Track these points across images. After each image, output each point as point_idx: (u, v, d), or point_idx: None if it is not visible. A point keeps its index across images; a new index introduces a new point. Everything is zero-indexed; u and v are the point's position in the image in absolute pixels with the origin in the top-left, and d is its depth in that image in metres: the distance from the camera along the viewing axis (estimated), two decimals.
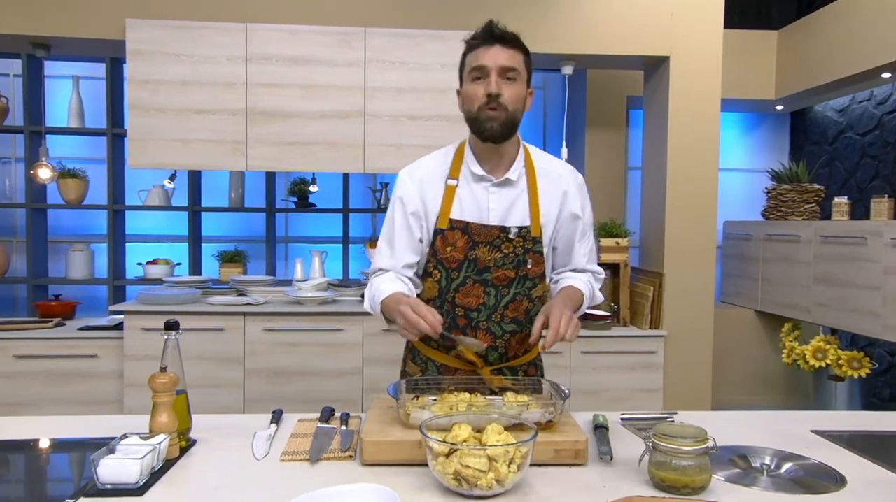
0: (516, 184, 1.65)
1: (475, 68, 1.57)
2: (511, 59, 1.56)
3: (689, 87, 3.56)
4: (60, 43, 3.48)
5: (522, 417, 1.33)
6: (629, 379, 3.55)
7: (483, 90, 1.55)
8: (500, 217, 1.64)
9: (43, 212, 4.24)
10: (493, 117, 1.55)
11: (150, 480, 1.20)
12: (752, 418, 1.72)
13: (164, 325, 1.41)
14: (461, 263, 1.64)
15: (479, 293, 1.65)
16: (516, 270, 1.64)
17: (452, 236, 1.63)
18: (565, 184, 1.69)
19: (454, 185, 1.64)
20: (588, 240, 1.75)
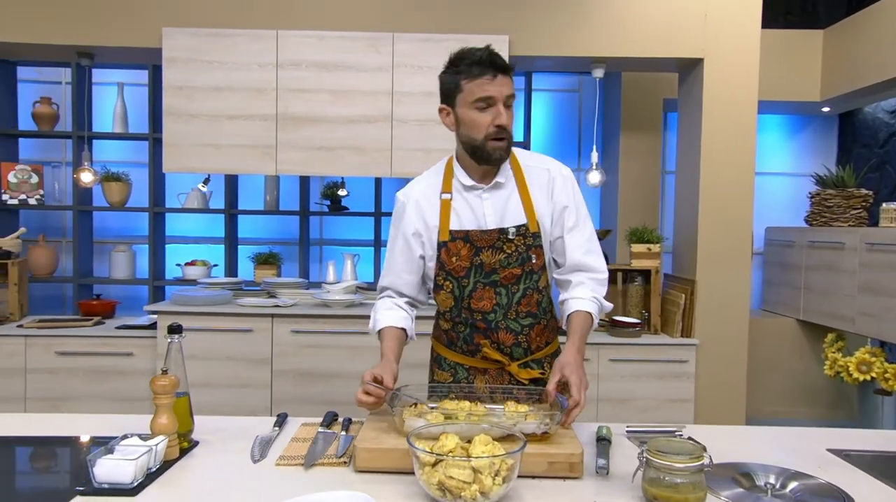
0: (505, 185, 1.71)
1: (481, 98, 1.59)
2: (511, 86, 1.62)
3: (724, 89, 3.46)
4: (103, 52, 3.61)
5: (517, 428, 1.32)
6: (659, 389, 3.47)
7: (490, 119, 1.60)
8: (496, 220, 1.70)
9: (88, 214, 4.40)
10: (500, 147, 1.62)
11: (146, 481, 1.23)
12: (768, 434, 1.66)
13: (167, 329, 1.44)
14: (468, 270, 1.69)
15: (491, 295, 1.70)
16: (522, 267, 1.70)
17: (455, 246, 1.69)
18: (551, 175, 1.74)
19: (448, 199, 1.71)
20: (581, 232, 1.74)
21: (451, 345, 1.80)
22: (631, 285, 3.71)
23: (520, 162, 1.74)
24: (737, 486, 1.30)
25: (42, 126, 4.37)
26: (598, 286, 1.74)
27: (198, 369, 3.34)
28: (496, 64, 1.59)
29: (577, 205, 1.75)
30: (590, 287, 1.72)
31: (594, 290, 1.72)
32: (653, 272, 3.62)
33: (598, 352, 3.45)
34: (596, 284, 1.73)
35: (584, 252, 1.73)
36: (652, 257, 3.66)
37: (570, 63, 3.67)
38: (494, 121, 1.59)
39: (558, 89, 4.73)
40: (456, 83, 1.63)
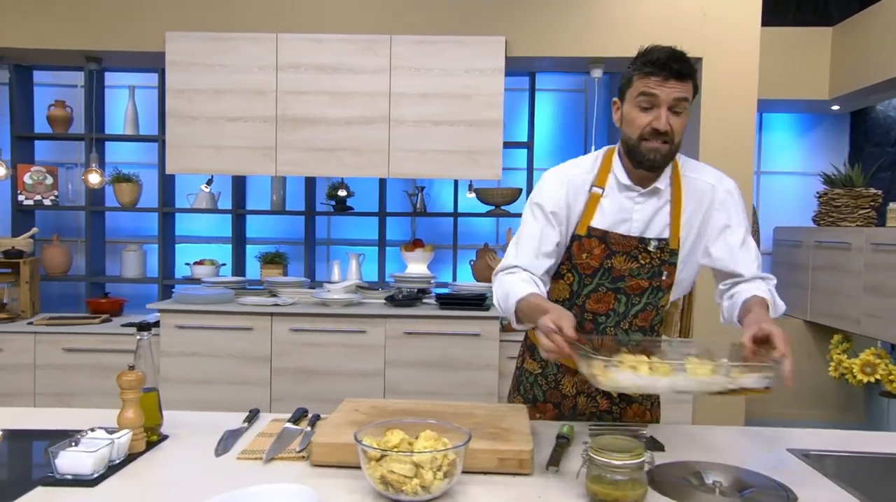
0: (662, 194, 1.63)
1: (644, 94, 1.52)
2: (684, 90, 1.52)
3: (723, 89, 3.45)
4: (110, 56, 3.71)
5: (739, 382, 1.27)
6: None
7: (649, 120, 1.52)
8: (640, 227, 1.63)
9: (100, 214, 4.51)
10: (656, 149, 1.53)
11: (108, 472, 1.28)
12: (735, 434, 1.67)
13: (137, 327, 1.49)
14: (596, 270, 1.65)
15: (611, 300, 1.66)
16: (650, 281, 1.64)
17: (590, 243, 1.63)
18: (711, 193, 1.64)
19: (599, 194, 1.64)
20: (748, 247, 1.63)
21: None
22: None
23: (680, 172, 1.65)
24: (685, 485, 1.31)
25: (56, 128, 4.49)
26: (770, 287, 1.60)
27: (200, 366, 3.42)
28: (670, 67, 1.49)
29: (740, 221, 1.64)
30: (765, 284, 1.60)
31: (769, 287, 1.60)
32: None
33: None
34: (769, 286, 1.60)
35: (757, 266, 1.62)
36: None
37: (568, 63, 3.68)
38: (653, 122, 1.51)
39: (565, 89, 4.73)
40: (629, 77, 1.56)
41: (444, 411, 1.58)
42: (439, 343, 3.39)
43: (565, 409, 1.77)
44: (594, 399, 1.75)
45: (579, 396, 1.76)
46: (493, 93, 3.42)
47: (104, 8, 3.52)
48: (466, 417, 1.54)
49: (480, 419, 1.52)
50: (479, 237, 4.52)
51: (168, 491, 1.24)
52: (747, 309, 1.50)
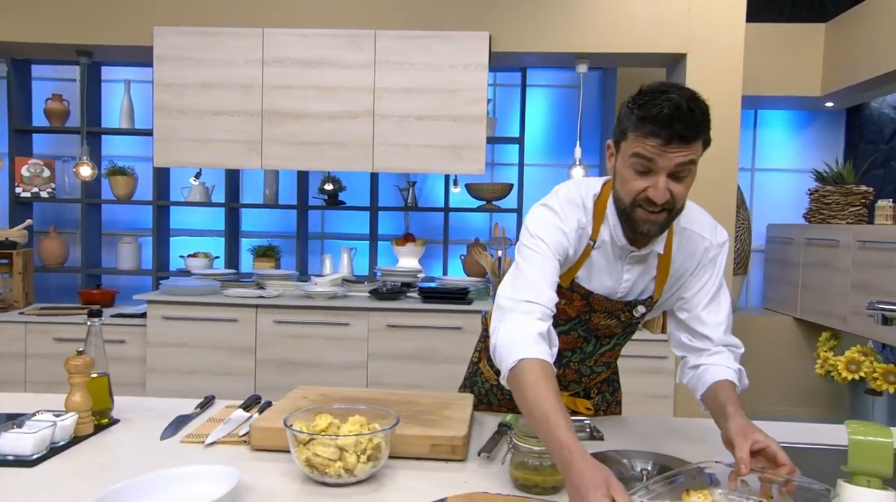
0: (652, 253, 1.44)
1: (639, 156, 1.26)
2: (689, 153, 1.25)
3: (707, 85, 3.44)
4: (101, 50, 3.76)
5: None
6: (637, 384, 3.47)
7: (644, 186, 1.27)
8: (628, 288, 1.46)
9: (96, 206, 4.58)
10: (652, 221, 1.31)
11: (50, 454, 1.32)
12: (697, 426, 1.69)
13: (88, 313, 1.53)
14: (571, 319, 1.51)
15: (580, 342, 1.57)
16: (625, 328, 1.56)
17: (570, 296, 1.47)
18: (703, 247, 1.46)
19: (590, 247, 1.42)
20: (718, 305, 1.47)
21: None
22: None
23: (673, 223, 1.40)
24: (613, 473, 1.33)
25: (53, 122, 4.56)
26: (736, 359, 1.47)
27: (186, 356, 3.48)
28: (674, 129, 1.21)
29: (721, 278, 1.49)
30: (732, 356, 1.46)
31: (736, 361, 1.46)
32: None
33: None
34: (734, 357, 1.46)
35: (725, 330, 1.46)
36: None
37: (554, 59, 3.68)
38: (648, 191, 1.27)
39: (557, 84, 4.74)
40: (625, 129, 1.29)
41: (389, 399, 1.61)
42: (422, 336, 3.42)
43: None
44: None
45: None
46: (476, 88, 3.43)
47: (94, 2, 3.57)
48: (411, 405, 1.56)
49: (424, 407, 1.55)
50: (470, 232, 4.54)
51: (104, 471, 1.27)
52: (717, 399, 1.36)
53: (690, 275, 1.47)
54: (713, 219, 1.51)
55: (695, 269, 1.47)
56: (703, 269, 1.47)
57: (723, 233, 1.50)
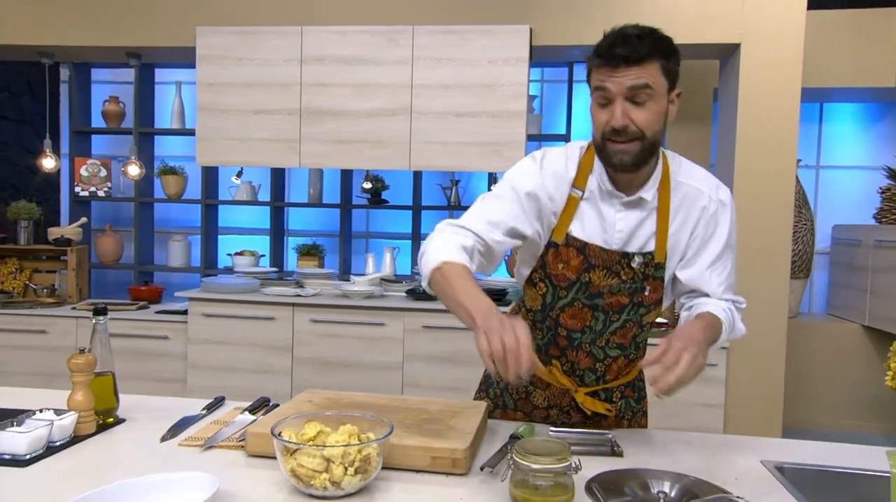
0: (648, 203, 1.45)
1: (597, 89, 1.35)
2: (641, 75, 1.30)
3: (763, 76, 3.24)
4: (148, 52, 3.84)
5: None
6: (686, 393, 3.28)
7: (607, 118, 1.34)
8: (623, 239, 1.45)
9: (149, 205, 4.70)
10: (622, 150, 1.35)
11: (46, 453, 1.30)
12: (711, 442, 1.56)
13: (93, 311, 1.52)
14: (572, 283, 1.48)
15: (587, 317, 1.50)
16: (631, 296, 1.47)
17: (567, 253, 1.46)
18: (704, 201, 1.45)
19: (578, 197, 1.45)
20: (724, 267, 1.49)
21: None
22: None
23: (671, 176, 1.45)
24: (628, 493, 1.23)
25: (110, 123, 4.71)
26: (734, 308, 1.50)
27: (225, 353, 3.51)
28: (614, 53, 1.30)
29: (727, 236, 1.47)
30: (727, 304, 1.49)
31: (730, 307, 1.49)
32: None
33: None
34: (732, 306, 1.50)
35: (724, 289, 1.49)
36: None
37: None
38: (609, 121, 1.33)
39: None
40: (589, 70, 1.39)
41: (397, 405, 1.54)
42: (458, 337, 3.35)
43: (536, 418, 1.65)
44: (567, 413, 1.62)
45: (552, 409, 1.63)
46: (516, 83, 3.33)
47: (140, 4, 3.65)
48: (418, 412, 1.49)
49: (431, 415, 1.48)
50: None
51: (93, 474, 1.24)
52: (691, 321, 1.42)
53: (692, 234, 1.46)
54: (717, 180, 1.50)
55: (695, 227, 1.46)
56: (704, 227, 1.46)
57: (725, 191, 1.48)
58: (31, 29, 3.76)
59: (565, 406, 1.60)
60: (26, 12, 3.75)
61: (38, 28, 3.76)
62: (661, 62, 1.33)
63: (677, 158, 1.50)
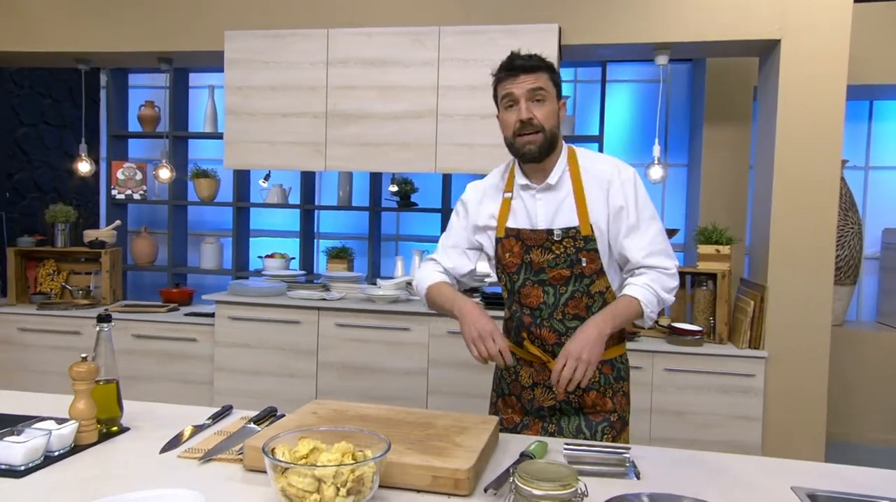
0: (559, 187, 1.73)
1: (505, 96, 1.68)
2: (536, 80, 1.65)
3: (805, 73, 3.08)
4: (180, 56, 3.87)
5: None
6: (721, 404, 3.17)
7: (515, 116, 1.66)
8: (547, 221, 1.73)
9: (182, 208, 4.74)
10: (529, 141, 1.66)
11: (43, 464, 1.28)
12: (738, 465, 1.45)
13: (97, 318, 1.50)
14: (519, 267, 1.76)
15: (539, 293, 1.74)
16: (570, 269, 1.71)
17: (509, 243, 1.77)
18: (608, 177, 1.72)
19: (509, 198, 1.78)
20: (643, 234, 1.70)
21: (507, 332, 1.87)
22: (698, 290, 3.42)
23: (579, 163, 1.75)
24: None
25: (146, 127, 4.77)
26: (659, 277, 1.69)
27: (251, 356, 3.51)
28: (514, 65, 1.66)
29: (637, 206, 1.71)
30: (649, 277, 1.68)
31: (653, 281, 1.68)
32: (719, 276, 3.31)
33: (652, 361, 3.21)
34: (657, 275, 1.69)
35: (646, 255, 1.70)
36: (721, 259, 3.34)
37: (630, 51, 3.43)
38: (518, 116, 1.65)
39: (642, 80, 4.45)
40: (494, 91, 1.74)
41: (403, 419, 1.48)
42: None
43: (525, 401, 1.81)
44: (550, 390, 1.76)
45: (536, 387, 1.78)
46: None
47: (170, 9, 3.68)
48: (423, 427, 1.44)
49: (437, 430, 1.42)
50: None
51: (89, 484, 1.22)
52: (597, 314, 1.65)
53: (608, 209, 1.71)
54: (620, 161, 1.76)
55: (608, 202, 1.70)
56: (612, 197, 1.70)
57: (628, 169, 1.74)
58: (68, 35, 3.83)
59: (548, 382, 1.74)
60: (63, 19, 3.82)
61: (73, 34, 3.82)
62: (548, 73, 1.68)
63: (584, 150, 1.79)
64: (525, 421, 1.80)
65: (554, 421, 1.76)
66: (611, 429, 1.75)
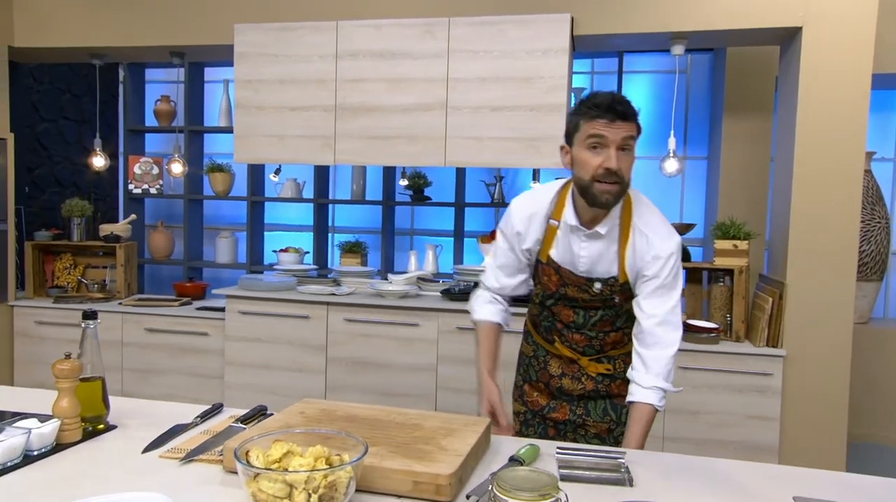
0: (607, 236, 1.73)
1: (593, 136, 1.60)
2: (629, 129, 1.61)
3: (827, 62, 2.97)
4: (191, 51, 3.86)
5: None
6: (737, 403, 3.08)
7: (600, 161, 1.60)
8: (588, 264, 1.75)
9: (198, 202, 4.76)
10: (609, 191, 1.62)
11: (22, 463, 1.27)
12: (738, 471, 1.39)
13: (82, 315, 1.49)
14: (553, 293, 1.83)
15: (570, 313, 1.83)
16: (603, 303, 1.78)
17: (548, 271, 1.81)
18: (653, 250, 1.71)
19: (555, 226, 1.77)
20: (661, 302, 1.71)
21: (536, 327, 1.95)
22: (715, 286, 3.33)
23: (632, 217, 1.72)
24: None
25: (162, 122, 4.79)
26: (661, 366, 1.70)
27: (261, 351, 3.50)
28: (615, 109, 1.59)
29: (666, 278, 1.71)
30: (653, 371, 1.70)
31: (657, 374, 1.69)
32: (736, 272, 3.21)
33: None
34: (661, 365, 1.70)
35: (658, 323, 1.70)
36: (738, 255, 3.25)
37: (645, 41, 3.34)
38: (604, 163, 1.59)
39: (661, 70, 4.35)
40: (576, 123, 1.66)
41: (392, 420, 1.44)
42: None
43: (553, 389, 1.90)
44: (579, 380, 1.86)
45: (564, 377, 1.88)
46: (556, 75, 3.17)
47: (181, 3, 3.67)
48: (411, 429, 1.39)
49: (424, 432, 1.38)
50: None
51: (60, 487, 1.19)
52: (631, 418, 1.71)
53: (640, 270, 1.73)
54: (670, 229, 1.74)
55: (643, 267, 1.72)
56: (648, 268, 1.71)
57: (669, 246, 1.71)
58: (82, 30, 3.84)
59: (576, 373, 1.86)
60: (76, 14, 3.84)
61: (87, 29, 3.83)
62: (637, 123, 1.63)
63: (640, 200, 1.76)
64: (552, 405, 1.90)
65: (581, 404, 1.87)
66: None
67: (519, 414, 1.99)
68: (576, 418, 1.87)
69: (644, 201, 1.77)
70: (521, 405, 1.99)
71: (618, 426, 1.86)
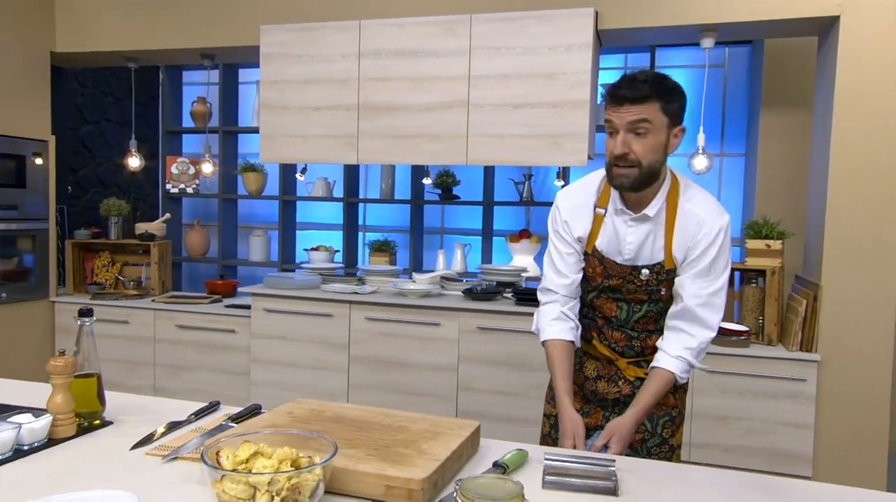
0: (654, 219, 1.69)
1: (607, 121, 1.62)
2: (640, 112, 1.56)
3: (866, 52, 2.83)
4: (221, 53, 3.93)
5: None
6: (769, 410, 2.97)
7: (613, 145, 1.61)
8: (634, 250, 1.71)
9: (232, 201, 4.85)
10: (622, 174, 1.61)
11: (12, 457, 1.30)
12: (737, 481, 1.32)
13: (78, 313, 1.51)
14: (598, 285, 1.78)
15: (613, 307, 1.78)
16: (649, 295, 1.74)
17: (593, 261, 1.77)
18: (703, 227, 1.67)
19: (602, 215, 1.74)
20: (707, 282, 1.67)
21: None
22: (747, 287, 3.21)
23: (679, 200, 1.69)
24: None
25: (198, 123, 4.89)
26: (694, 342, 1.67)
27: (285, 348, 3.54)
28: (618, 94, 1.58)
29: (715, 258, 1.67)
30: (684, 343, 1.67)
31: (688, 346, 1.67)
32: (768, 272, 3.09)
33: None
34: (694, 341, 1.67)
35: (700, 303, 1.66)
36: (772, 255, 3.12)
37: (673, 34, 3.24)
38: (613, 149, 1.61)
39: (696, 65, 4.22)
40: (605, 104, 1.67)
41: (379, 421, 1.43)
42: (512, 340, 3.19)
43: (587, 392, 1.85)
44: (615, 383, 1.81)
45: (600, 380, 1.83)
46: (579, 70, 3.11)
47: (209, 6, 3.73)
48: (396, 431, 1.37)
49: (408, 435, 1.35)
50: None
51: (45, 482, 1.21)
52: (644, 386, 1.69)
53: (689, 249, 1.67)
54: (720, 206, 1.70)
55: (692, 245, 1.67)
56: (697, 245, 1.66)
57: (719, 223, 1.66)
58: (117, 34, 3.96)
59: (612, 375, 1.81)
60: (112, 19, 3.95)
61: (122, 33, 3.94)
62: (661, 103, 1.56)
63: (689, 187, 1.71)
64: (586, 409, 1.84)
65: (616, 411, 1.79)
66: (671, 424, 1.78)
67: (550, 417, 1.93)
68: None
69: (692, 184, 1.73)
70: (552, 407, 1.91)
71: (652, 437, 1.79)
